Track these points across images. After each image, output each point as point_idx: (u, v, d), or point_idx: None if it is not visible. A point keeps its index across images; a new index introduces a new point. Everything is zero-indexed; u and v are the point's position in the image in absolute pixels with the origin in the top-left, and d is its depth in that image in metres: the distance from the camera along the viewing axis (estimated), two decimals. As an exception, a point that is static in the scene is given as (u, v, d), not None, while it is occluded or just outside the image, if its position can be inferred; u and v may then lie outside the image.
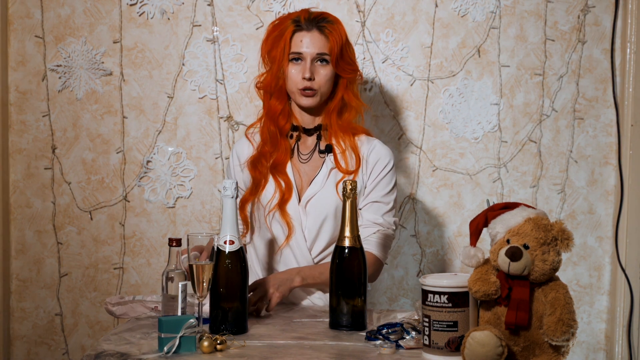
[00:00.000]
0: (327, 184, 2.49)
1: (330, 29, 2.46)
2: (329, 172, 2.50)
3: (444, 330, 1.82)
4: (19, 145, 3.12)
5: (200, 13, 3.09)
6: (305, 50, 2.45)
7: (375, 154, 2.52)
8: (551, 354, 1.78)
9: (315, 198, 2.48)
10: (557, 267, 1.80)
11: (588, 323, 3.18)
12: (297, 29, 2.46)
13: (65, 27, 3.09)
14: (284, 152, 2.51)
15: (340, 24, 2.50)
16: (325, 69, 2.47)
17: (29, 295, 3.14)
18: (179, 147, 3.12)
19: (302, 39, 2.45)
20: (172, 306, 2.14)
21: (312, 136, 2.55)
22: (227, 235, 2.09)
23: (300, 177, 2.52)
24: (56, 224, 3.13)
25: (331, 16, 2.51)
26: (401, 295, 3.16)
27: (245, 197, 2.52)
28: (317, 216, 2.48)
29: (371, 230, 2.47)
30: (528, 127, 3.15)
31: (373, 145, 2.54)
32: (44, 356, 3.15)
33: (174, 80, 3.11)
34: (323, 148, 2.53)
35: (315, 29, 2.46)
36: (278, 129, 2.51)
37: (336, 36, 2.46)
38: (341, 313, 2.13)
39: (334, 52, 2.46)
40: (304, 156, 2.54)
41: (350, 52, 2.53)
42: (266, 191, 2.50)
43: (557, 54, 3.13)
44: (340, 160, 2.50)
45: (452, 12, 3.11)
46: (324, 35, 2.46)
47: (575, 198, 3.16)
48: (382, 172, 2.51)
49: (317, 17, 2.47)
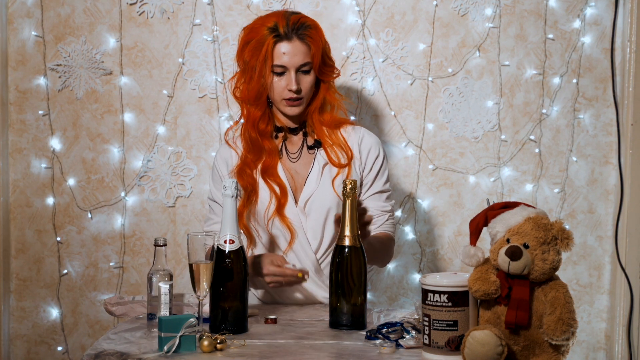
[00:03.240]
0: (322, 181, 2.48)
1: (310, 35, 2.43)
2: (322, 169, 2.49)
3: (444, 329, 1.83)
4: (19, 144, 3.12)
5: (200, 12, 3.09)
6: (289, 62, 2.41)
7: (365, 143, 2.54)
8: (551, 354, 1.79)
9: (314, 197, 2.47)
10: (557, 266, 1.80)
11: (588, 322, 3.18)
12: (277, 40, 2.41)
13: (65, 27, 3.09)
14: (272, 153, 2.49)
15: (318, 27, 2.47)
16: (308, 77, 2.45)
17: (29, 294, 3.14)
18: (179, 146, 3.12)
19: (284, 50, 2.40)
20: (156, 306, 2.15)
21: (298, 134, 2.54)
22: (227, 234, 2.09)
23: (292, 178, 2.50)
24: (56, 224, 3.13)
25: (309, 20, 2.46)
26: (401, 295, 3.16)
27: (239, 209, 2.45)
28: (319, 216, 2.47)
29: (384, 217, 2.53)
30: (528, 126, 3.15)
31: (361, 134, 2.55)
32: (43, 355, 3.15)
33: (173, 79, 3.11)
34: (310, 144, 2.52)
35: (296, 38, 2.41)
36: (259, 133, 2.49)
37: (317, 42, 2.44)
38: (341, 312, 2.13)
39: (316, 60, 2.44)
40: (293, 155, 2.53)
41: (329, 54, 2.51)
42: (261, 198, 2.47)
43: (557, 54, 3.13)
44: (331, 153, 2.50)
45: (452, 12, 3.11)
46: (305, 44, 2.42)
47: (575, 197, 3.16)
48: (376, 161, 2.54)
49: (295, 24, 2.42)
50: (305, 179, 2.49)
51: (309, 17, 2.49)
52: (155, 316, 2.16)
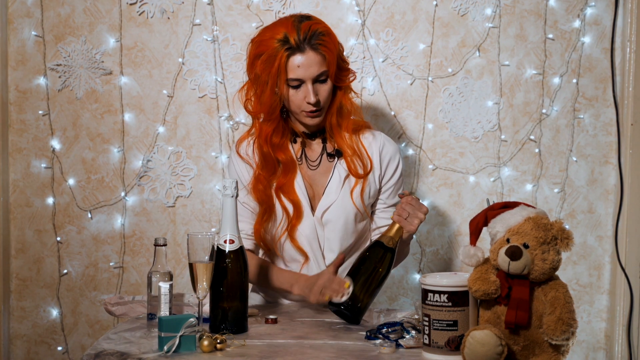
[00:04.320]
0: (342, 193, 2.43)
1: (324, 43, 2.33)
2: (344, 180, 2.44)
3: (444, 329, 1.83)
4: (19, 144, 3.12)
5: (200, 12, 3.09)
6: (304, 74, 2.33)
7: (386, 152, 2.49)
8: (551, 353, 1.79)
9: (332, 208, 2.42)
10: (557, 266, 1.80)
11: (588, 322, 3.18)
12: (290, 53, 2.31)
13: (65, 26, 3.09)
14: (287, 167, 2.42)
15: (331, 33, 2.38)
16: (325, 85, 2.37)
17: (29, 294, 3.14)
18: (179, 146, 3.12)
19: (298, 63, 2.31)
20: (156, 306, 2.15)
21: (316, 140, 2.48)
22: (227, 234, 2.10)
23: (311, 187, 2.45)
24: (56, 223, 3.13)
25: (320, 26, 2.36)
26: (401, 295, 3.16)
27: (255, 227, 2.44)
28: (336, 227, 2.42)
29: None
30: (528, 126, 3.15)
31: (382, 142, 2.49)
32: (43, 355, 3.15)
33: (173, 79, 3.11)
34: (330, 151, 2.47)
35: (309, 49, 2.32)
36: (272, 147, 2.42)
37: (332, 50, 2.34)
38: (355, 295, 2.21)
39: (332, 69, 2.35)
40: (313, 163, 2.47)
41: (343, 57, 2.43)
42: (275, 216, 2.42)
43: (557, 53, 3.13)
44: (352, 164, 2.44)
45: (452, 12, 3.11)
46: (319, 54, 2.33)
47: (575, 197, 3.16)
48: (396, 171, 2.50)
49: (307, 33, 2.31)
50: (324, 188, 2.45)
51: (320, 21, 2.39)
52: (155, 316, 2.16)
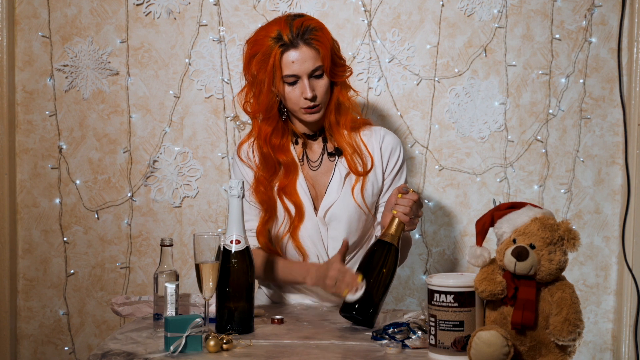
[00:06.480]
0: (344, 191, 2.44)
1: (317, 38, 2.34)
2: (344, 179, 2.45)
3: (450, 330, 1.82)
4: (26, 144, 3.13)
5: (206, 13, 3.09)
6: (299, 69, 2.34)
7: (387, 144, 2.49)
8: (557, 354, 1.78)
9: (334, 207, 2.43)
10: (564, 266, 1.80)
11: (595, 323, 3.17)
12: (284, 49, 2.33)
13: (72, 27, 3.10)
14: (289, 168, 2.43)
15: (324, 28, 2.39)
16: (322, 80, 2.38)
17: (36, 294, 3.15)
18: (186, 146, 3.12)
19: (293, 59, 2.33)
20: (162, 306, 2.15)
21: (317, 140, 2.50)
22: (233, 234, 2.10)
23: (313, 187, 2.46)
24: (63, 224, 3.14)
25: (313, 21, 2.38)
26: (407, 295, 3.16)
27: (259, 229, 2.44)
28: (339, 226, 2.43)
29: None
30: (534, 126, 3.14)
31: (382, 135, 2.50)
32: (50, 355, 3.16)
33: (180, 80, 3.11)
34: (331, 150, 2.48)
35: (303, 44, 2.33)
36: (272, 148, 2.43)
37: (325, 44, 2.35)
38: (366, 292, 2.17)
39: (326, 63, 2.36)
40: (314, 163, 2.48)
41: (339, 53, 2.44)
42: (277, 217, 2.44)
43: (564, 53, 3.13)
44: (352, 162, 2.45)
45: (459, 12, 3.11)
46: (313, 48, 2.34)
47: (581, 198, 3.16)
48: (397, 162, 2.49)
49: (299, 29, 2.33)
50: (325, 188, 2.46)
51: (312, 17, 2.42)
52: (162, 316, 2.17)
